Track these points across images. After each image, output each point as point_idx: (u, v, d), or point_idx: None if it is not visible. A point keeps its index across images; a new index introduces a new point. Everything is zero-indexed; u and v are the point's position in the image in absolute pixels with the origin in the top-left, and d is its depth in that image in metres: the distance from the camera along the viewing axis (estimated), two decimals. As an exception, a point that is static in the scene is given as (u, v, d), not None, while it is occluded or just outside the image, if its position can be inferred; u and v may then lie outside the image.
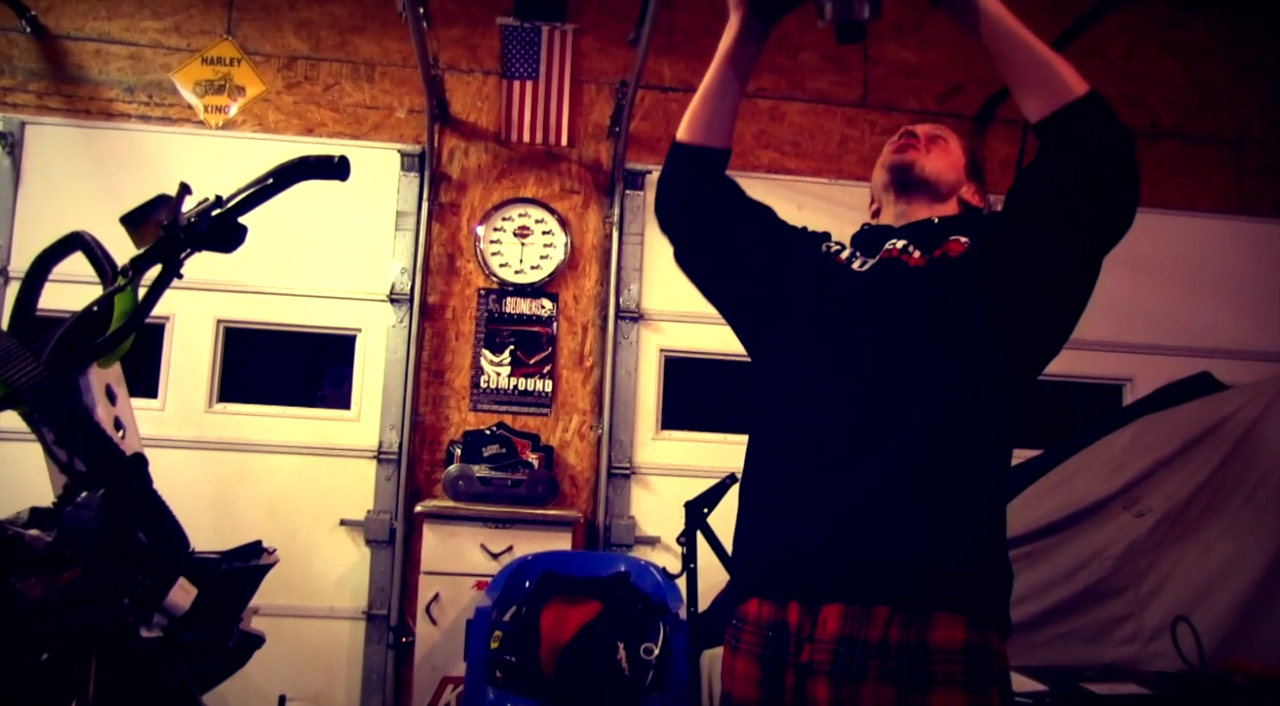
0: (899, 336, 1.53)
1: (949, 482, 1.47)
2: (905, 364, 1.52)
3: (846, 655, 1.40)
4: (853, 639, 1.40)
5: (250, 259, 4.05)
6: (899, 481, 1.46)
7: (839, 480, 1.48)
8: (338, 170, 1.35)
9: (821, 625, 1.43)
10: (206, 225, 1.28)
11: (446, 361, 4.25)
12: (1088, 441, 3.49)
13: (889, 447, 1.47)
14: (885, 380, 1.51)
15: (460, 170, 4.34)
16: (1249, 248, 4.67)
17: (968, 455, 1.50)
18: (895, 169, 1.71)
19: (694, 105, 1.72)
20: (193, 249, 1.31)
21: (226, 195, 1.36)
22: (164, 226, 1.27)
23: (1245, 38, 4.81)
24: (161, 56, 4.29)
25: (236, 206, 1.32)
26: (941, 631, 1.39)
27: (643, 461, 4.24)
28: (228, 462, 4.07)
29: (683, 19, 4.51)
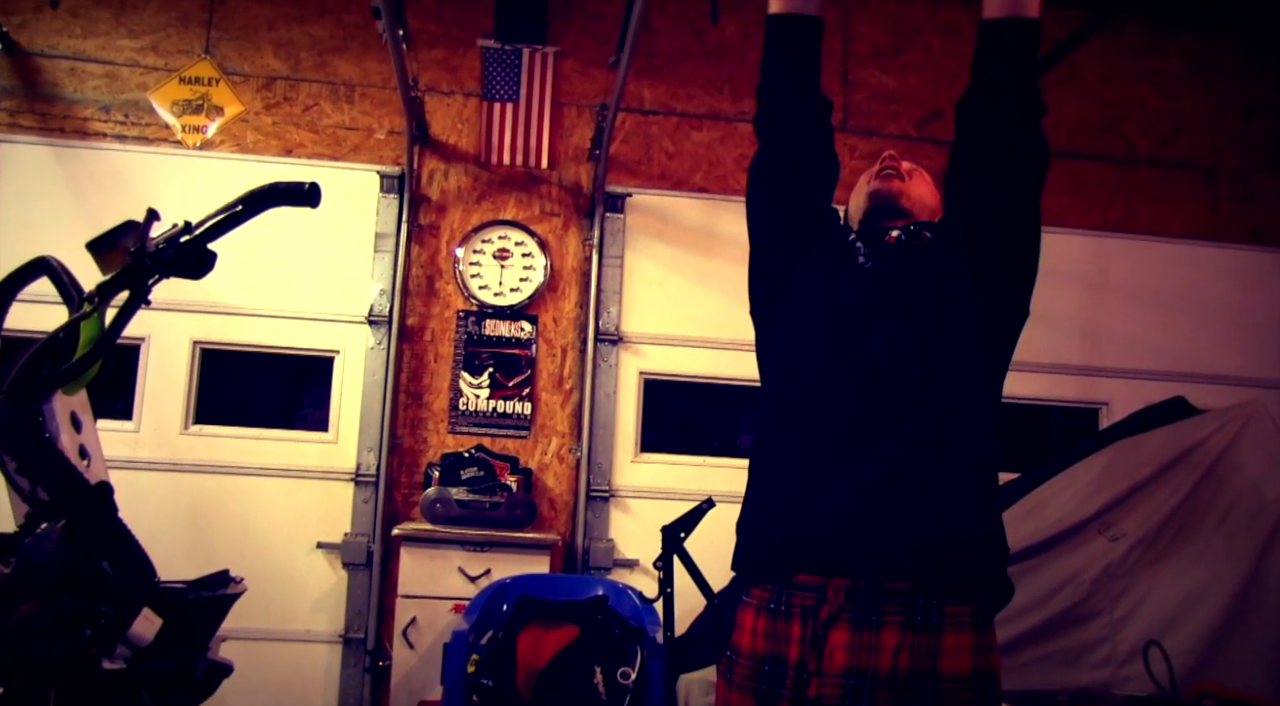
0: (907, 322, 1.60)
1: (962, 459, 1.54)
2: (916, 348, 1.58)
3: (856, 688, 1.42)
4: (862, 671, 1.42)
5: (228, 279, 4.06)
6: (916, 462, 1.50)
7: (856, 461, 1.52)
8: (308, 197, 1.35)
9: (829, 658, 1.44)
10: (174, 252, 1.27)
11: (425, 383, 4.23)
12: (1064, 465, 3.51)
13: (905, 429, 1.52)
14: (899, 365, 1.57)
15: (440, 192, 4.34)
16: (1222, 273, 4.71)
17: (976, 433, 1.57)
18: (881, 197, 1.76)
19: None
20: (161, 275, 1.30)
21: (196, 221, 1.35)
22: (131, 253, 1.26)
23: (1217, 67, 4.88)
24: (138, 75, 4.27)
25: (205, 233, 1.31)
26: (949, 660, 1.43)
27: (622, 484, 4.23)
28: (203, 485, 4.04)
29: (664, 43, 4.53)
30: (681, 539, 2.81)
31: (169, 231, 1.31)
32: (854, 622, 1.44)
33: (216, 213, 1.33)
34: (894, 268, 1.67)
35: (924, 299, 1.61)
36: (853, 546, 1.48)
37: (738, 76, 4.54)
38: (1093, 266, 4.63)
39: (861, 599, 1.45)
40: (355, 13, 4.39)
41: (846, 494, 1.49)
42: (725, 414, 4.63)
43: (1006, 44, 1.68)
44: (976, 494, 1.55)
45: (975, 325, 1.61)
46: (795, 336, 1.68)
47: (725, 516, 2.87)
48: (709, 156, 4.49)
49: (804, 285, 1.71)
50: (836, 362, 1.60)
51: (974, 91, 1.71)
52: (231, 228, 1.33)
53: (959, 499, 1.52)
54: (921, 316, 1.60)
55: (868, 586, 1.45)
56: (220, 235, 1.33)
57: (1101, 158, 4.73)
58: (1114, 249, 4.67)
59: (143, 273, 1.27)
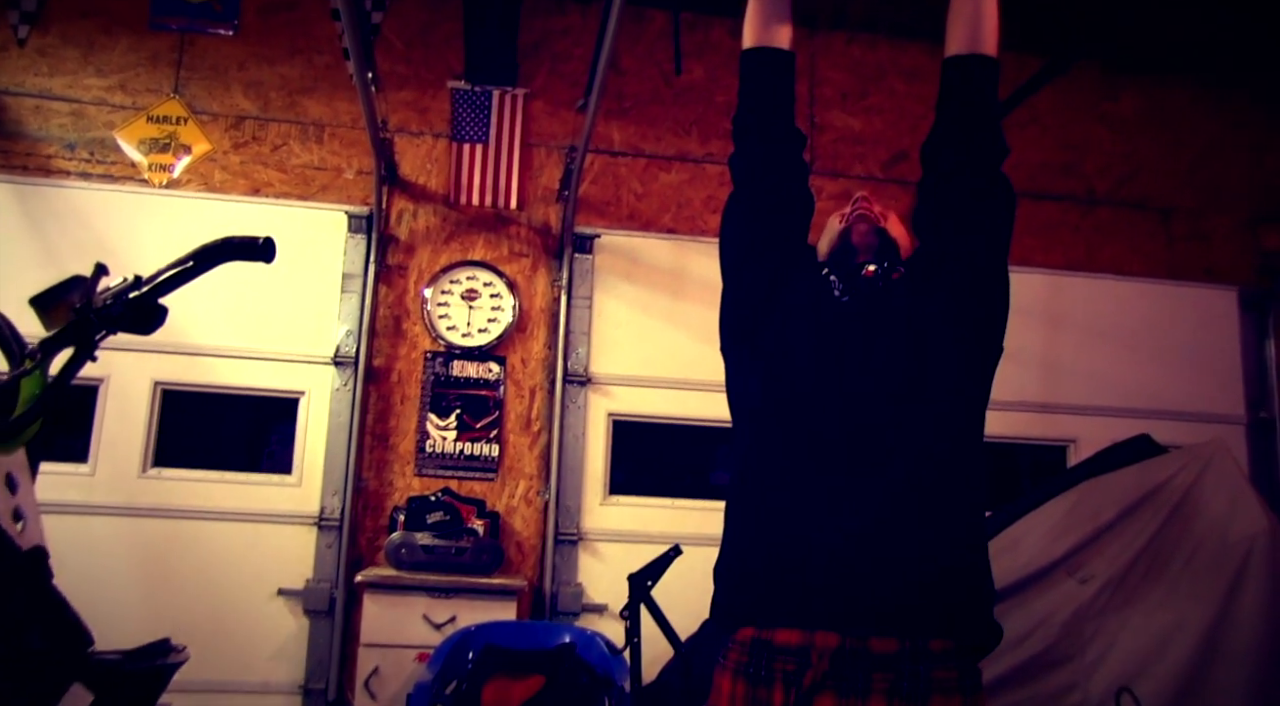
0: (890, 360, 1.60)
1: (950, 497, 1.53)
2: (900, 385, 1.58)
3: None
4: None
5: (191, 319, 4.01)
6: (904, 502, 1.49)
7: (843, 503, 1.50)
8: (262, 252, 1.33)
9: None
10: (121, 308, 1.25)
11: (391, 425, 4.19)
12: (1033, 505, 3.51)
13: (893, 468, 1.51)
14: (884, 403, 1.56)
15: (408, 232, 4.32)
16: (1180, 310, 4.78)
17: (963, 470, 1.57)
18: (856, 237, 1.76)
19: (749, 12, 1.85)
20: (108, 331, 1.27)
21: (146, 276, 1.32)
22: (76, 309, 1.23)
23: (1169, 111, 4.97)
24: (105, 114, 4.24)
25: (155, 289, 1.29)
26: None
27: (590, 527, 4.19)
28: (161, 530, 3.96)
29: (633, 85, 4.56)
30: (649, 587, 2.78)
31: (117, 286, 1.29)
32: (839, 690, 1.40)
33: (168, 268, 1.31)
34: (873, 304, 1.67)
35: (904, 335, 1.62)
36: (840, 592, 1.45)
37: (706, 119, 4.57)
38: (1057, 305, 4.68)
39: (847, 664, 1.41)
40: (326, 54, 4.39)
41: (835, 537, 1.47)
42: (695, 455, 4.61)
43: (967, 78, 1.74)
44: (965, 533, 1.54)
45: (956, 362, 1.61)
46: (775, 372, 1.66)
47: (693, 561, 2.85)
48: (678, 197, 4.50)
49: (781, 321, 1.70)
50: (820, 400, 1.59)
51: (938, 129, 1.76)
52: (183, 283, 1.31)
53: (948, 539, 1.50)
54: (903, 353, 1.60)
55: (853, 649, 1.41)
56: (171, 291, 1.30)
57: (1062, 198, 4.79)
58: (1077, 287, 4.72)
59: (88, 329, 1.24)
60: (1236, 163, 4.99)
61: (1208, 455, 3.28)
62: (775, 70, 1.82)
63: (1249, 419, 4.72)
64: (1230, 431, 4.60)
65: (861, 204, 1.81)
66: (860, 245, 1.74)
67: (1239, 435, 4.67)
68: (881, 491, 1.49)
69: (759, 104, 1.82)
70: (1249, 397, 4.75)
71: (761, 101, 1.81)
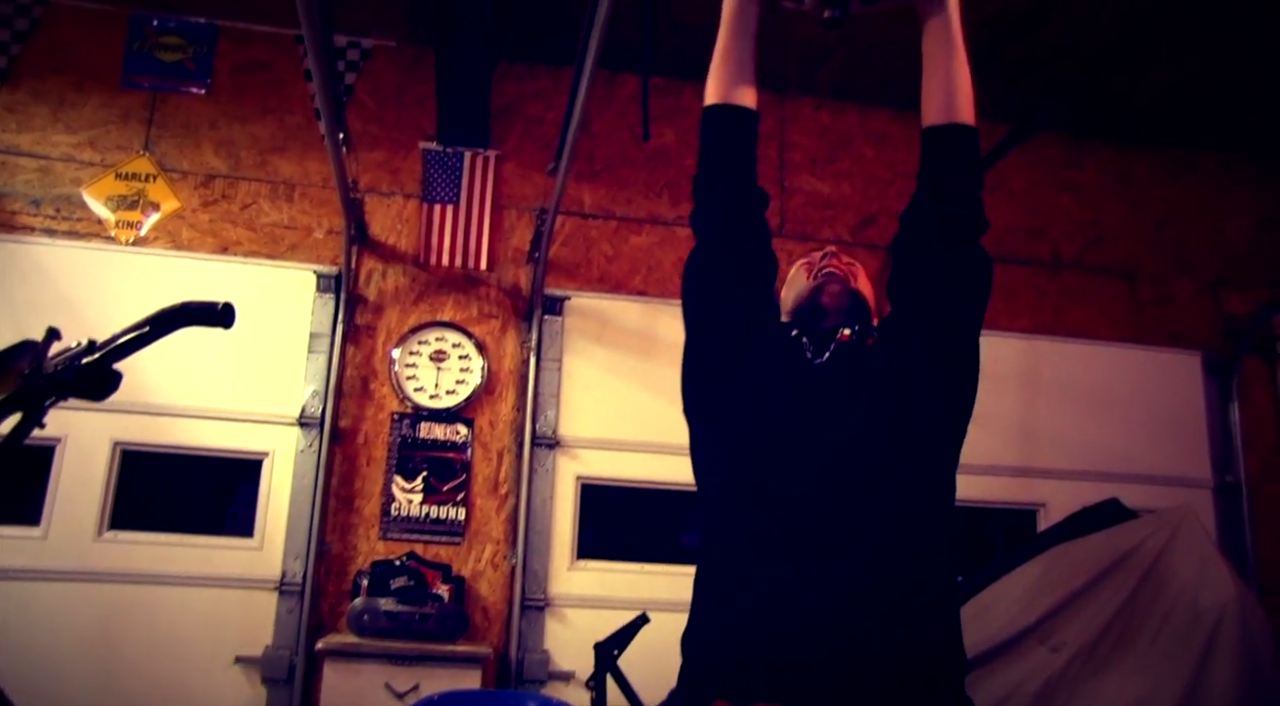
0: (867, 426, 1.58)
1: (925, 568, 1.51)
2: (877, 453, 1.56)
3: None
4: None
5: (154, 377, 3.95)
6: (880, 574, 1.47)
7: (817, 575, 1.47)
8: (221, 317, 1.30)
9: None
10: (73, 374, 1.21)
11: (357, 487, 4.12)
12: (1004, 570, 3.49)
13: (869, 538, 1.48)
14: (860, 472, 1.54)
15: (377, 292, 4.30)
16: (1147, 374, 4.83)
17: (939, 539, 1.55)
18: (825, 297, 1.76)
19: (712, 69, 1.81)
20: (57, 397, 1.23)
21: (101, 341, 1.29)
22: (25, 375, 1.20)
23: (1131, 178, 5.08)
24: (73, 170, 4.22)
25: (109, 354, 1.25)
26: None
27: (558, 592, 4.12)
28: (116, 595, 3.85)
29: (604, 148, 4.59)
30: (615, 656, 2.73)
31: (70, 351, 1.25)
32: None
33: (123, 333, 1.28)
34: (847, 367, 1.65)
35: (882, 401, 1.61)
36: (813, 667, 1.42)
37: (677, 182, 4.60)
38: (1025, 369, 4.71)
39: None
40: (298, 113, 4.40)
41: (806, 612, 1.44)
42: (665, 518, 4.57)
43: (947, 149, 1.74)
44: (938, 606, 1.52)
45: (932, 429, 1.60)
46: (745, 439, 1.63)
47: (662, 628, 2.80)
48: (648, 260, 4.52)
49: (750, 384, 1.67)
50: (793, 468, 1.56)
51: (918, 198, 1.75)
52: (139, 348, 1.28)
53: (921, 613, 1.48)
54: (881, 420, 1.59)
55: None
56: (126, 356, 1.27)
57: (1029, 263, 4.85)
58: (1045, 351, 4.76)
59: (37, 395, 1.20)
60: (1198, 229, 5.09)
61: (1176, 520, 3.29)
62: (737, 128, 1.80)
63: (1215, 482, 4.75)
64: (1197, 495, 4.63)
65: (831, 261, 1.80)
66: (831, 307, 1.74)
67: (1206, 499, 4.69)
68: (855, 565, 1.46)
69: (719, 162, 1.80)
70: (1215, 461, 4.79)
71: (722, 159, 1.80)
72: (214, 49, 4.39)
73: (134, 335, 1.27)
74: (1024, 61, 4.38)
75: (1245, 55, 4.28)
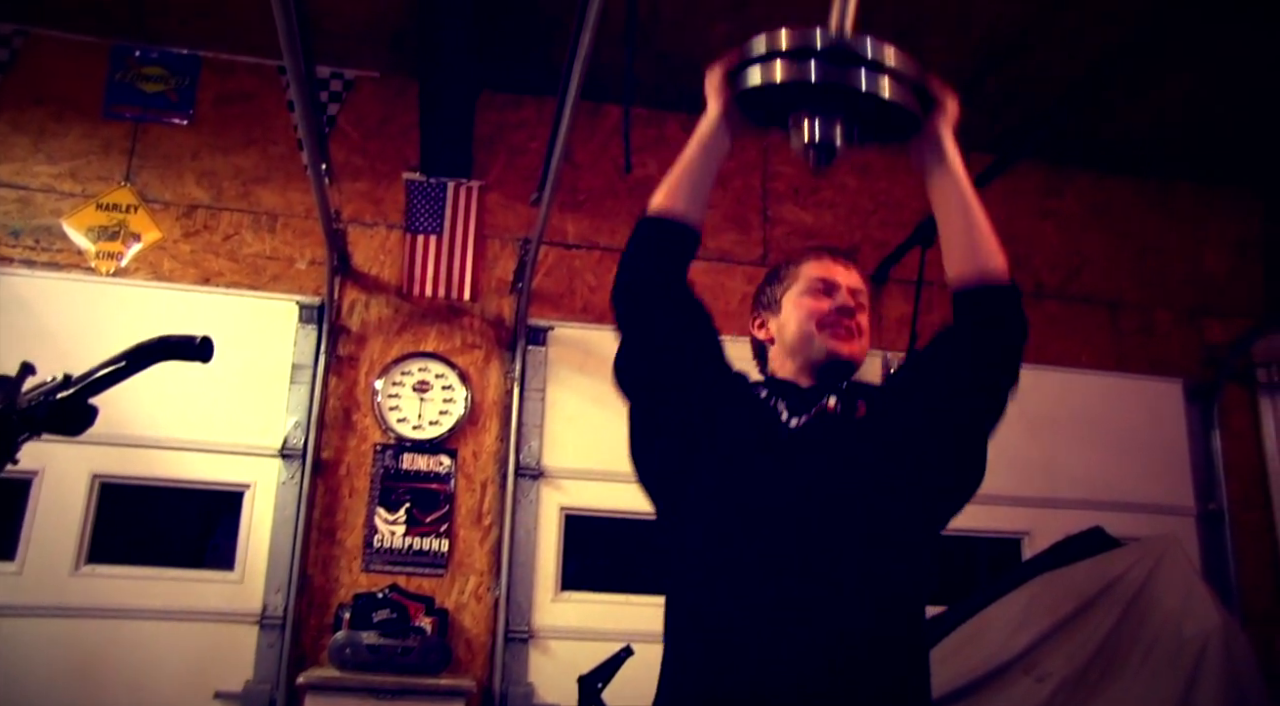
0: (843, 497, 1.54)
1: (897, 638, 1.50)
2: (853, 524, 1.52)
3: None
4: None
5: (134, 409, 3.92)
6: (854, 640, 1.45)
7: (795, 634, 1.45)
8: (200, 352, 1.29)
9: None
10: (46, 410, 1.20)
11: (339, 519, 4.08)
12: (988, 600, 3.48)
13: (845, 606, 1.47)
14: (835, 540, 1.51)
15: (360, 323, 4.28)
16: (1129, 403, 4.84)
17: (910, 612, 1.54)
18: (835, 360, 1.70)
19: (669, 178, 1.70)
20: (30, 434, 1.22)
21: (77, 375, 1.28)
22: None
23: (1111, 207, 5.12)
24: (53, 201, 4.20)
25: (85, 389, 1.24)
26: None
27: (542, 624, 4.09)
28: (94, 630, 3.79)
29: (587, 178, 4.60)
30: (599, 689, 2.71)
31: (44, 386, 1.23)
32: None
33: (99, 367, 1.27)
34: (830, 437, 1.61)
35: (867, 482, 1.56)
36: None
37: (660, 212, 4.61)
38: (1009, 398, 4.71)
39: None
40: (281, 144, 4.40)
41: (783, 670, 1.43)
42: (649, 549, 4.54)
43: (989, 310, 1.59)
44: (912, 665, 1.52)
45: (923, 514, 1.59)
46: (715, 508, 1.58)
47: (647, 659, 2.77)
48: (631, 290, 4.51)
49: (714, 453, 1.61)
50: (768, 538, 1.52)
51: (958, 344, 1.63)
52: (115, 383, 1.26)
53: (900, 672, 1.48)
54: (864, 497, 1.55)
55: None
56: (102, 391, 1.25)
57: (1013, 293, 4.87)
58: (1028, 379, 4.67)
59: (10, 432, 1.19)
60: (1178, 258, 5.13)
61: (1160, 550, 3.29)
62: (680, 246, 1.68)
63: (1198, 510, 4.76)
64: (1181, 523, 4.64)
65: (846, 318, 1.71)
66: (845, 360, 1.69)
67: (1189, 527, 4.70)
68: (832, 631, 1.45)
69: (654, 273, 1.67)
70: (1198, 489, 4.80)
71: (661, 271, 1.67)
72: (197, 79, 4.39)
73: (110, 370, 1.26)
74: (1005, 91, 4.43)
75: (1220, 87, 4.34)
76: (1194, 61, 4.16)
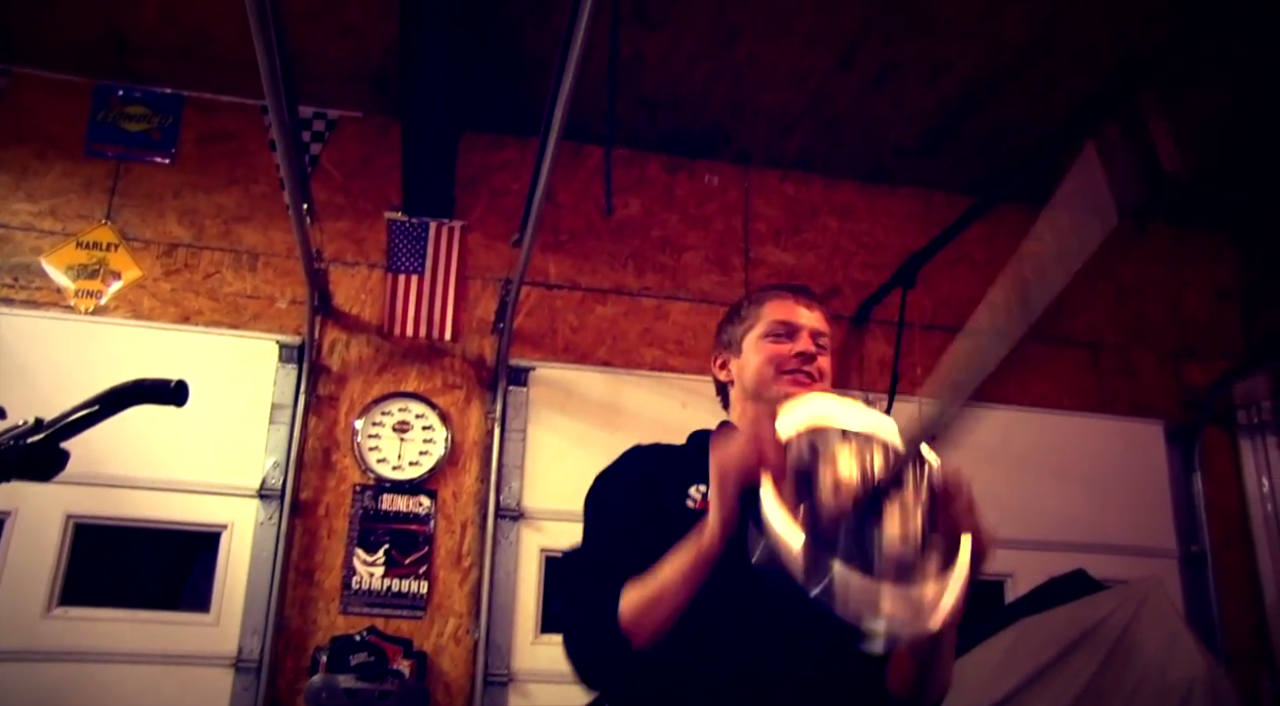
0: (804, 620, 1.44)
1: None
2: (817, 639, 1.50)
3: None
4: None
5: (111, 448, 3.87)
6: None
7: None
8: (175, 395, 1.28)
9: None
10: (16, 455, 1.18)
11: (317, 560, 4.03)
12: (971, 644, 3.46)
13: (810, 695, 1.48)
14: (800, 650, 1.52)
15: (341, 362, 4.26)
16: (1111, 445, 4.85)
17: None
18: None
19: (652, 605, 1.50)
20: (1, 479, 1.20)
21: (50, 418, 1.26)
22: (-34, 456, 1.16)
23: (1094, 249, 5.15)
24: (33, 239, 4.17)
25: (57, 433, 1.22)
26: None
27: (521, 667, 4.03)
28: (66, 674, 3.71)
29: (569, 219, 4.62)
30: (579, 736, 2.66)
31: (15, 430, 1.22)
32: None
33: (72, 411, 1.25)
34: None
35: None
36: None
37: (642, 252, 4.63)
38: (992, 439, 4.71)
39: None
40: (263, 183, 4.40)
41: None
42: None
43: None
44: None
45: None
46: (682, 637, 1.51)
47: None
48: (613, 331, 4.52)
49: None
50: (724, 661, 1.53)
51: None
52: (87, 427, 1.25)
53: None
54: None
55: None
56: (74, 435, 1.24)
57: (993, 334, 4.89)
58: (1011, 421, 4.78)
59: (-21, 476, 1.17)
60: (1157, 299, 5.18)
61: (1143, 593, 3.29)
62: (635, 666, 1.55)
63: (1180, 552, 4.76)
64: (1163, 565, 4.65)
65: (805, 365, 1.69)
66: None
67: (1172, 568, 4.70)
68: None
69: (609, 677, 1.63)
70: (1179, 531, 4.81)
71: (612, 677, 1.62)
72: (179, 119, 4.40)
73: (83, 414, 1.24)
74: (983, 136, 4.48)
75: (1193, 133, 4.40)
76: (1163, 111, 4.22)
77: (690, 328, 4.58)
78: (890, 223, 4.94)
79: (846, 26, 3.77)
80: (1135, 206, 1.15)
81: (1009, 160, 4.62)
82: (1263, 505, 4.86)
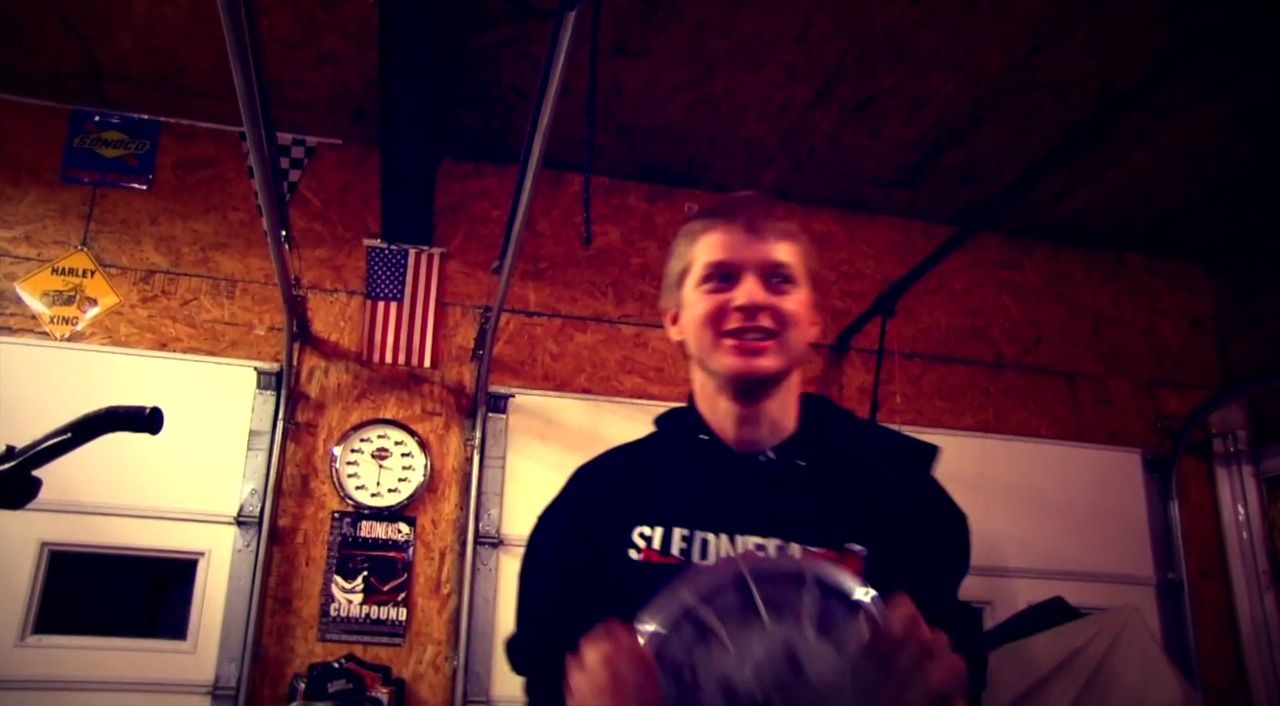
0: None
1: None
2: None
3: None
4: None
5: (87, 475, 3.84)
6: None
7: None
8: (149, 423, 1.27)
9: None
10: (-14, 484, 1.17)
11: (295, 588, 4.00)
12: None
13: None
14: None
15: (319, 389, 4.24)
16: (1088, 474, 4.88)
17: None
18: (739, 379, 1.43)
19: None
20: (-30, 508, 1.19)
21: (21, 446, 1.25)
22: (-65, 485, 1.15)
23: (1067, 279, 5.22)
24: (7, 265, 4.14)
25: (27, 461, 1.21)
26: None
27: (500, 695, 4.00)
28: (41, 703, 3.65)
29: (549, 247, 4.63)
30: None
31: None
32: None
33: (44, 439, 1.24)
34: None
35: None
36: None
37: (621, 281, 4.64)
38: (970, 467, 4.74)
39: None
40: (241, 210, 4.39)
41: None
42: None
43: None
44: None
45: None
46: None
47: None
48: (592, 358, 4.52)
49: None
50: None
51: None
52: (59, 455, 1.24)
53: None
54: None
55: None
56: (46, 463, 1.23)
57: (971, 362, 4.93)
58: (989, 450, 4.80)
59: (-51, 507, 1.16)
60: (1133, 329, 5.22)
61: (1121, 621, 3.31)
62: None
63: (1158, 580, 4.78)
64: (1141, 593, 4.66)
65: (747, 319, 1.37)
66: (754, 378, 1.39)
67: (1149, 596, 4.72)
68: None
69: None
70: (1157, 559, 4.83)
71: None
72: (157, 145, 4.39)
73: (55, 442, 1.23)
74: (961, 166, 4.53)
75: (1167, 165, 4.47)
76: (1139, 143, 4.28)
77: (670, 355, 4.59)
78: (870, 252, 4.98)
79: (825, 58, 3.81)
80: None
81: (988, 190, 4.66)
82: (1238, 533, 4.89)
